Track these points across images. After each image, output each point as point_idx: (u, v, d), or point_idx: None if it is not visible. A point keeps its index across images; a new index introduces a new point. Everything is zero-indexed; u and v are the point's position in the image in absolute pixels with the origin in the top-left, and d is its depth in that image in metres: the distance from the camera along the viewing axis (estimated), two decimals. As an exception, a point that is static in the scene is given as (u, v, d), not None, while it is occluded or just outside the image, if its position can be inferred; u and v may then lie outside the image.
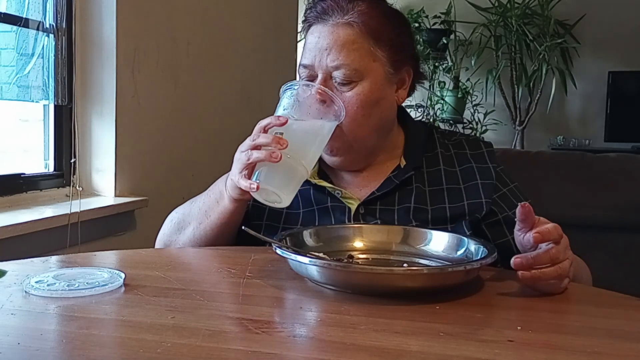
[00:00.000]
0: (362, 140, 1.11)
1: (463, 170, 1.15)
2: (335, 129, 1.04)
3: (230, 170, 1.04)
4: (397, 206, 1.11)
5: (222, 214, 1.09)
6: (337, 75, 1.07)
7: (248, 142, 0.99)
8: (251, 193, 0.98)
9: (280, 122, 0.97)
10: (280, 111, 1.01)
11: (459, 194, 1.12)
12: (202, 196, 1.15)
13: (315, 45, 1.09)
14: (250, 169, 0.98)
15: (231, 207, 1.07)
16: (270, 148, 0.95)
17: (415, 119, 1.25)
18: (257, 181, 0.96)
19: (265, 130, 0.98)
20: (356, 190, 1.15)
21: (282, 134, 0.96)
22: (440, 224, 1.09)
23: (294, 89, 1.03)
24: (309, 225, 1.09)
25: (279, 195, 0.97)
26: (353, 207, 1.11)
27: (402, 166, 1.15)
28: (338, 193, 1.13)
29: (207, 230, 1.11)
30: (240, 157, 0.99)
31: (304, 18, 1.14)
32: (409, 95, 1.18)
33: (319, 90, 1.03)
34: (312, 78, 1.10)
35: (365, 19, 1.08)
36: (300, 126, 0.99)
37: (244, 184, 0.97)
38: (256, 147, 0.97)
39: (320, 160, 1.16)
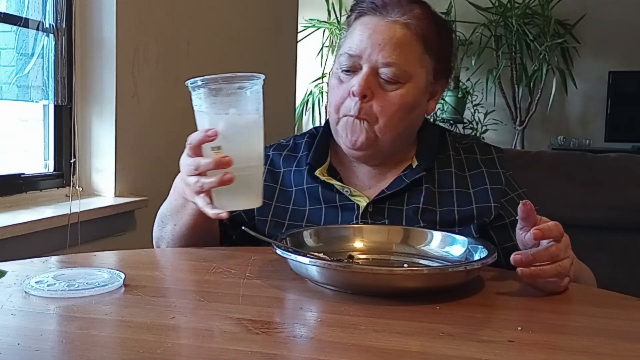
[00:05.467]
0: (388, 142, 1.11)
1: (473, 175, 1.14)
2: (364, 124, 1.06)
3: None
4: (405, 206, 1.11)
5: (192, 216, 1.06)
6: (385, 72, 1.07)
7: (190, 169, 0.94)
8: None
9: (211, 138, 0.91)
10: (204, 120, 0.93)
11: (468, 198, 1.12)
12: (170, 195, 1.11)
13: (369, 37, 1.08)
14: (207, 193, 0.96)
15: (198, 210, 1.02)
16: (216, 173, 0.90)
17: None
18: (221, 210, 0.94)
19: (199, 147, 0.93)
20: (366, 189, 1.15)
21: (219, 147, 0.91)
22: (448, 226, 1.08)
23: (201, 87, 0.92)
24: (315, 223, 1.09)
25: (248, 205, 0.98)
26: (362, 206, 1.11)
27: (413, 166, 1.14)
28: (347, 191, 1.13)
29: (183, 230, 1.09)
30: (190, 182, 0.95)
31: (354, 3, 1.13)
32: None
33: (225, 79, 0.91)
34: (354, 68, 1.09)
35: (422, 23, 1.08)
36: (231, 127, 0.91)
37: (211, 212, 0.95)
38: (202, 173, 0.93)
39: (332, 155, 1.16)
